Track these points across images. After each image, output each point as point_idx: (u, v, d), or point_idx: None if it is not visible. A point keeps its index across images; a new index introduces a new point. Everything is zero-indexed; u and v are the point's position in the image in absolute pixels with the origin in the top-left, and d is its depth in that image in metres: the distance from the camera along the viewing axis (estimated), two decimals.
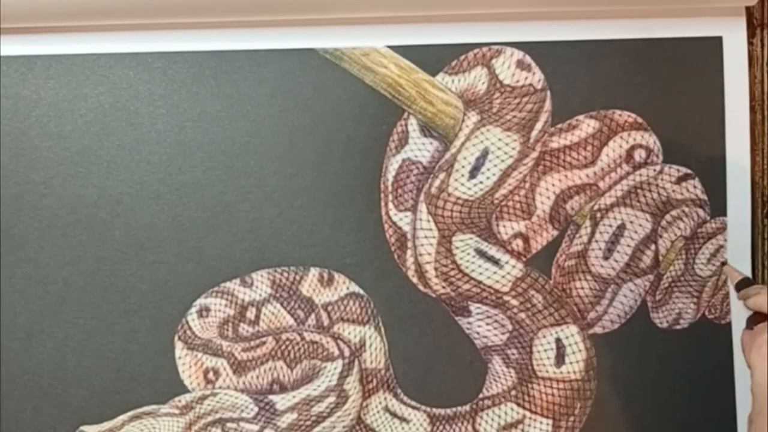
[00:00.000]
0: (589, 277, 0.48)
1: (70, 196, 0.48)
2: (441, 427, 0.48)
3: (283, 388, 0.48)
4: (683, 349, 0.48)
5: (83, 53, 0.48)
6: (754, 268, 0.48)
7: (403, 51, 0.48)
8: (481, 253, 0.48)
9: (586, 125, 0.48)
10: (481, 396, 0.48)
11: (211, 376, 0.48)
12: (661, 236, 0.48)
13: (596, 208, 0.48)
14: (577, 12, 0.47)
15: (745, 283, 0.46)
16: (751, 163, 0.48)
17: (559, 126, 0.48)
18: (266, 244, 0.48)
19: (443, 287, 0.48)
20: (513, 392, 0.48)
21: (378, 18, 0.48)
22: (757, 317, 0.45)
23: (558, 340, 0.48)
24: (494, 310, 0.48)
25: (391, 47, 0.48)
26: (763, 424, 0.40)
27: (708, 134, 0.48)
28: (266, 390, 0.48)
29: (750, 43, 0.48)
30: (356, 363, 0.48)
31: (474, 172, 0.48)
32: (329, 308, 0.48)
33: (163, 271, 0.48)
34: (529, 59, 0.48)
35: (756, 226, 0.48)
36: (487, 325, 0.48)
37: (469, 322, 0.48)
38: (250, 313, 0.49)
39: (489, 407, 0.48)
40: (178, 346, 0.48)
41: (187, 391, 0.48)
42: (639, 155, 0.48)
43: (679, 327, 0.48)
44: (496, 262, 0.48)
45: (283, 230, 0.48)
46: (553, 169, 0.48)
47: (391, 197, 0.48)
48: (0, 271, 0.48)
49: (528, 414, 0.48)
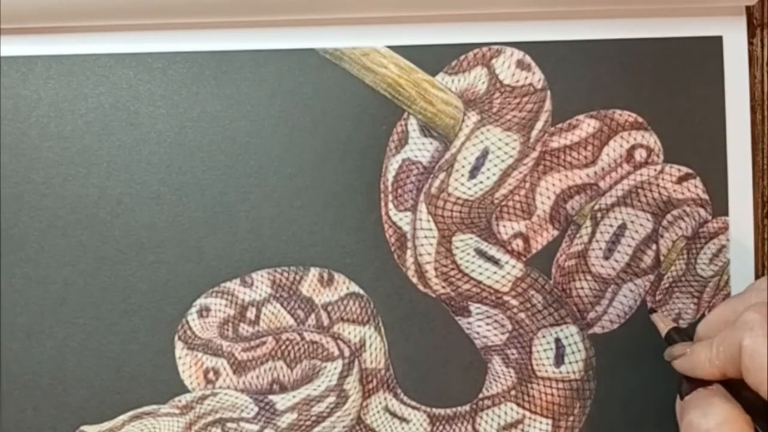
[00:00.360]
0: (590, 277, 0.48)
1: (70, 196, 0.48)
2: (441, 427, 0.48)
3: (283, 388, 0.48)
4: None
5: (83, 53, 0.48)
6: (756, 268, 0.48)
7: (403, 51, 0.48)
8: (481, 253, 0.48)
9: (587, 125, 0.48)
10: (481, 396, 0.48)
11: (211, 376, 0.48)
12: (662, 236, 0.48)
13: (597, 207, 0.48)
14: (577, 12, 0.47)
15: (673, 337, 0.39)
16: (752, 163, 0.48)
17: (559, 126, 0.48)
18: (266, 244, 0.48)
19: (443, 287, 0.48)
20: (513, 392, 0.48)
21: (378, 18, 0.48)
22: (688, 383, 0.37)
23: (557, 340, 0.48)
24: (494, 310, 0.48)
25: (391, 47, 0.48)
26: None
27: (709, 134, 0.48)
28: (266, 390, 0.48)
29: (750, 43, 0.48)
30: (356, 363, 0.48)
31: (474, 172, 0.48)
32: (329, 308, 0.48)
33: (163, 271, 0.48)
34: (529, 59, 0.48)
35: (757, 226, 0.48)
36: (487, 325, 0.48)
37: (469, 322, 0.48)
38: (250, 313, 0.49)
39: (489, 407, 0.48)
40: (179, 346, 0.48)
41: (187, 391, 0.48)
42: (640, 155, 0.48)
43: None
44: (496, 262, 0.48)
45: (283, 230, 0.48)
46: (554, 168, 0.48)
47: (391, 197, 0.48)
48: (0, 271, 0.48)
49: (528, 414, 0.48)
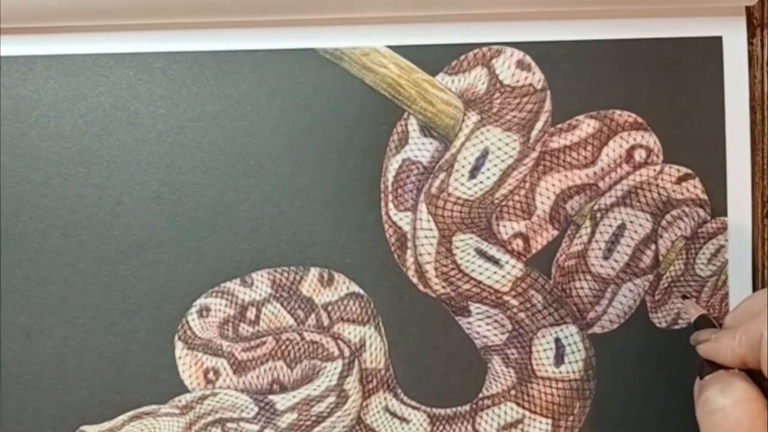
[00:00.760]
0: (589, 277, 0.48)
1: (70, 196, 0.48)
2: (441, 427, 0.48)
3: (283, 388, 0.48)
4: (682, 349, 0.48)
5: (83, 53, 0.48)
6: (755, 268, 0.48)
7: (403, 51, 0.48)
8: (481, 253, 0.48)
9: (586, 125, 0.48)
10: (481, 396, 0.48)
11: (211, 376, 0.48)
12: (662, 236, 0.48)
13: (596, 208, 0.48)
14: (577, 12, 0.47)
15: (702, 324, 0.42)
16: (751, 163, 0.48)
17: (559, 126, 0.48)
18: (266, 244, 0.48)
19: (443, 287, 0.48)
20: (513, 392, 0.48)
21: (378, 18, 0.48)
22: (710, 366, 0.40)
23: (557, 340, 0.48)
24: (494, 309, 0.48)
25: (391, 47, 0.48)
26: None
27: (708, 134, 0.48)
28: (266, 390, 0.48)
29: (750, 43, 0.48)
30: (356, 363, 0.48)
31: (474, 172, 0.48)
32: (329, 308, 0.48)
33: (163, 271, 0.48)
34: (529, 59, 0.48)
35: (756, 226, 0.48)
36: (487, 325, 0.48)
37: (469, 322, 0.48)
38: (250, 313, 0.49)
39: (489, 407, 0.48)
40: (179, 346, 0.48)
41: (187, 391, 0.48)
42: (639, 155, 0.48)
43: (677, 327, 0.48)
44: (496, 262, 0.48)
45: (283, 230, 0.48)
46: (553, 169, 0.48)
47: (391, 197, 0.48)
48: (0, 271, 0.48)
49: (527, 414, 0.48)
